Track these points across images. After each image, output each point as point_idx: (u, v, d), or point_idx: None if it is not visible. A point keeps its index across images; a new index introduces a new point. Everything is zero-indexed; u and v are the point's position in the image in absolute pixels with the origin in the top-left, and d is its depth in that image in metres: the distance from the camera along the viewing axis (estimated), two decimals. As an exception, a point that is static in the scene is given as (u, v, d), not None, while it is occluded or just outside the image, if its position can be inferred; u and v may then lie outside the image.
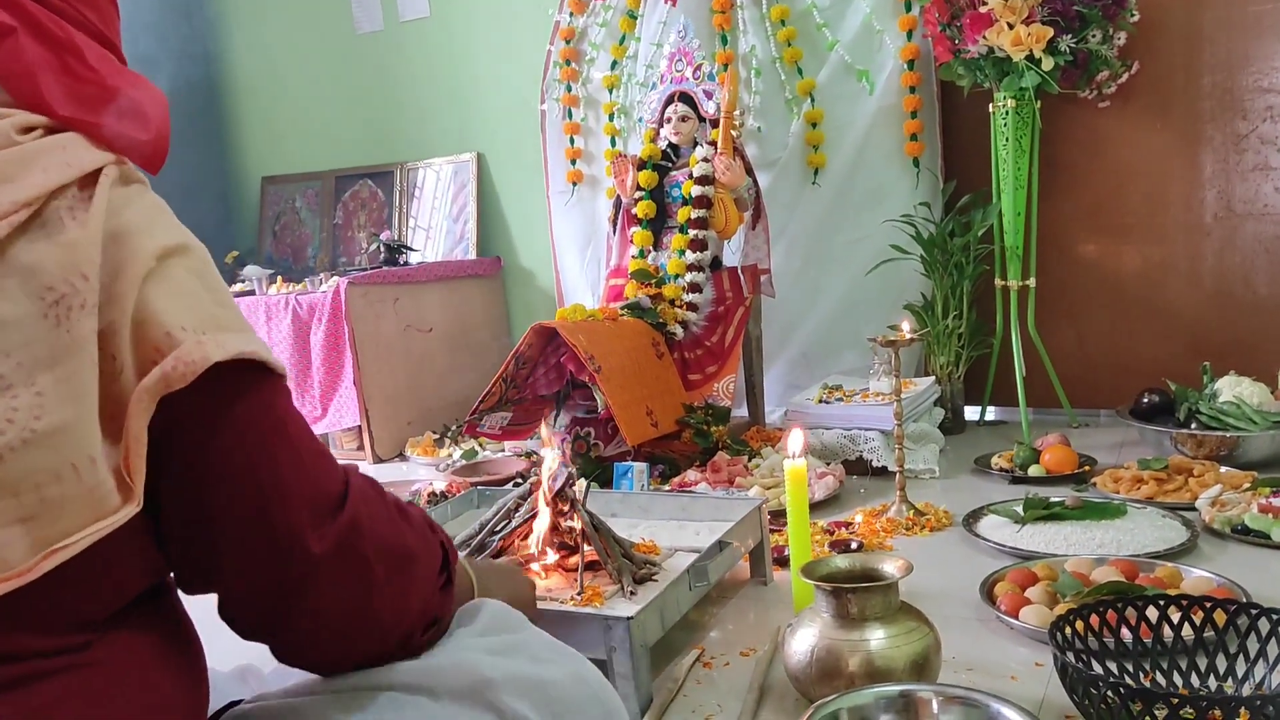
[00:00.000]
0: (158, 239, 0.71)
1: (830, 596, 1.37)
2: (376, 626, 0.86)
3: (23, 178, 0.65)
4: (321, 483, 0.80)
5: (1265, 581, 1.73)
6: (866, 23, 3.14)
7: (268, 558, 0.76)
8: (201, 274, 0.75)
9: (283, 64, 4.38)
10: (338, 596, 0.81)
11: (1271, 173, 2.86)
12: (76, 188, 0.68)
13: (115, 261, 0.68)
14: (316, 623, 0.82)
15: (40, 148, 0.68)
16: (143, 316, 0.68)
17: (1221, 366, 2.63)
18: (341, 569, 0.80)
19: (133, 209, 0.71)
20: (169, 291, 0.70)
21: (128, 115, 0.77)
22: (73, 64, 0.75)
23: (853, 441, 2.68)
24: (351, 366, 3.33)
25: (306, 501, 0.78)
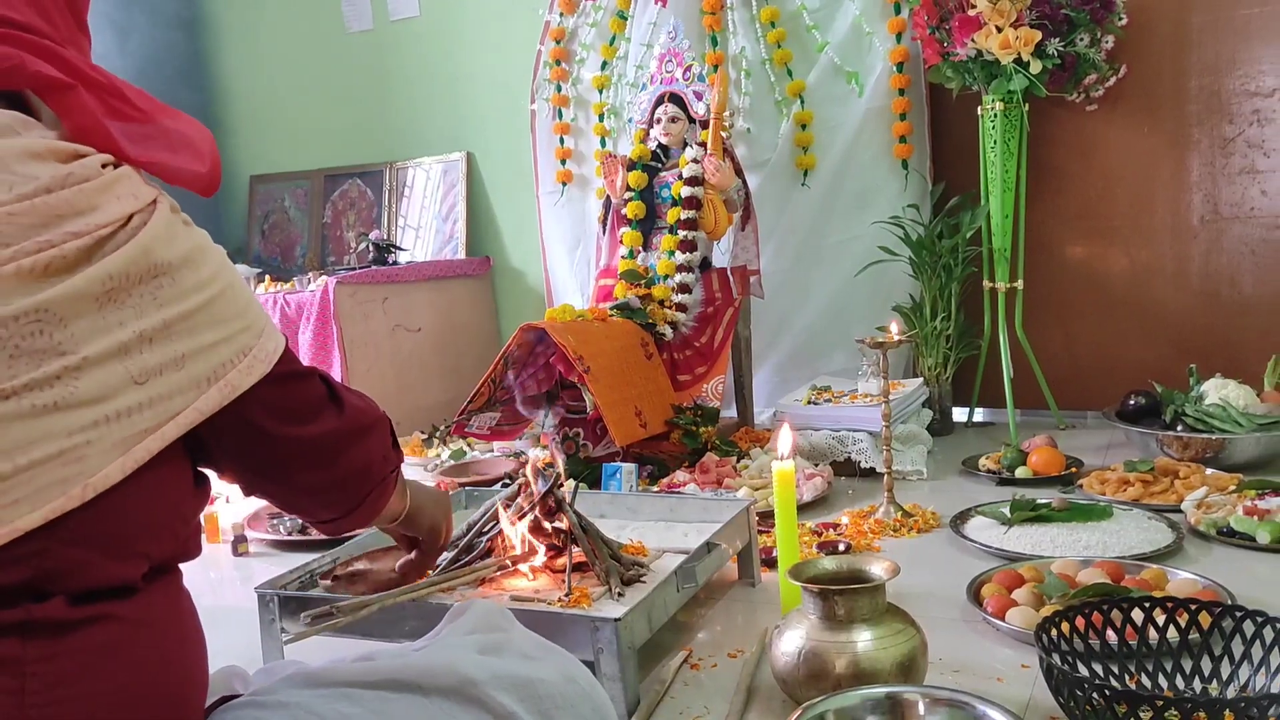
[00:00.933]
0: (201, 270, 0.87)
1: (817, 598, 1.38)
2: (369, 473, 1.10)
3: (106, 205, 0.82)
4: (312, 399, 1.02)
5: (1250, 583, 1.74)
6: (856, 25, 3.15)
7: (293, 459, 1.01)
8: (232, 285, 0.91)
9: (273, 62, 4.37)
10: (354, 455, 1.06)
11: (1258, 176, 2.88)
12: (144, 209, 0.84)
13: (183, 284, 0.85)
14: (345, 475, 1.07)
15: (116, 178, 0.84)
16: (207, 341, 0.86)
17: (1208, 368, 2.64)
18: (351, 439, 1.05)
19: (188, 237, 0.88)
20: (221, 315, 0.88)
21: (183, 149, 0.92)
22: (120, 106, 0.88)
23: (841, 442, 2.68)
24: (339, 366, 3.32)
25: (307, 419, 1.00)
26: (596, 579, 1.65)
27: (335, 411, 1.03)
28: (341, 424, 1.03)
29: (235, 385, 0.89)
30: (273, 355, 0.93)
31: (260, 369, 0.91)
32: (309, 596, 1.63)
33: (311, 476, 1.03)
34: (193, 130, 0.95)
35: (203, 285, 0.86)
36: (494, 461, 3.00)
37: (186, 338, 0.85)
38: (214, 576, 2.36)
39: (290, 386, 0.97)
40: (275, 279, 3.74)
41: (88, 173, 0.82)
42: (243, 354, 0.90)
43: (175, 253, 0.85)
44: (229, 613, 1.96)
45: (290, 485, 1.04)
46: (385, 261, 3.74)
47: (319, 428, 1.01)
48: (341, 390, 1.06)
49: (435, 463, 3.12)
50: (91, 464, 0.79)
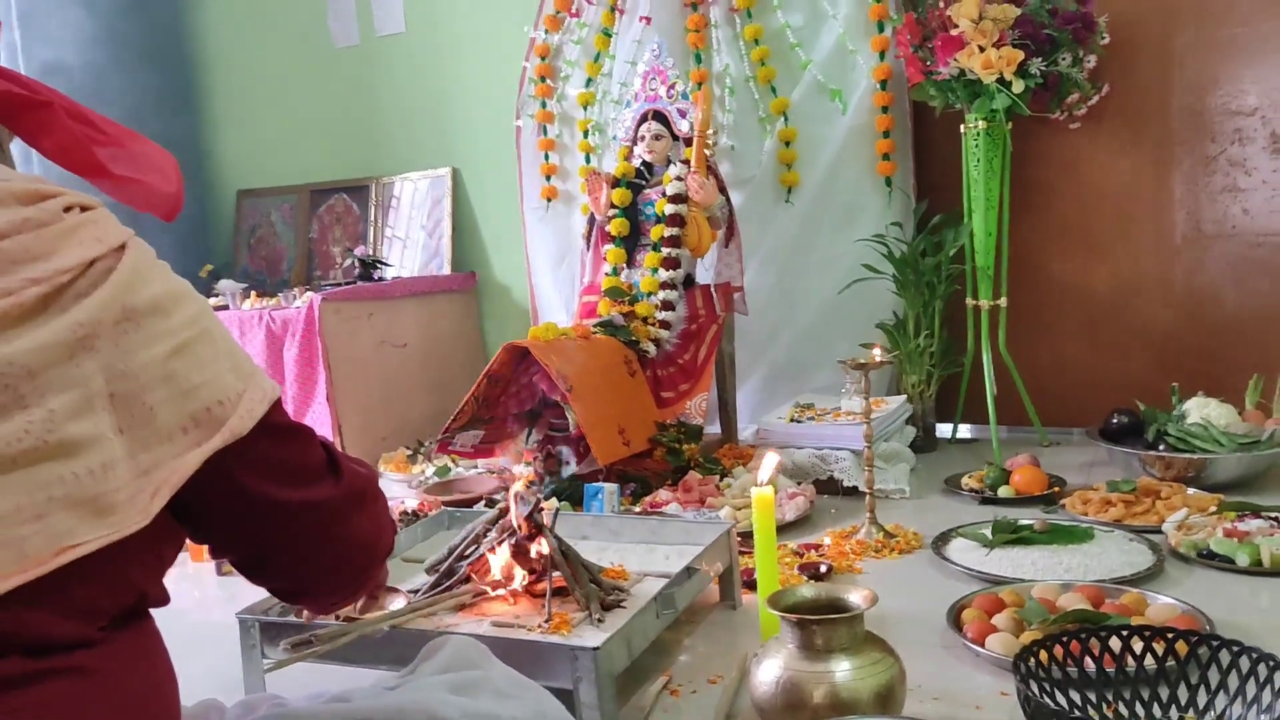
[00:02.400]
0: (173, 317, 0.83)
1: (796, 628, 1.37)
2: (372, 548, 1.03)
3: (66, 250, 0.79)
4: (310, 462, 0.95)
5: (1230, 607, 1.75)
6: (840, 43, 3.16)
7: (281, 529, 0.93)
8: (209, 332, 0.87)
9: (259, 76, 4.36)
10: (355, 528, 0.99)
11: (1240, 194, 2.89)
12: (110, 255, 0.81)
13: (151, 331, 0.81)
14: (346, 549, 0.99)
15: (79, 222, 0.81)
16: (182, 388, 0.82)
17: (1191, 385, 2.65)
18: (349, 508, 0.97)
19: (157, 283, 0.84)
20: (194, 363, 0.84)
21: (153, 171, 0.92)
22: (91, 132, 0.88)
23: (824, 461, 2.68)
24: (325, 383, 3.31)
25: (301, 482, 0.93)
26: (577, 604, 1.65)
27: (334, 479, 0.95)
28: (341, 491, 0.95)
29: (235, 429, 0.83)
30: (270, 395, 0.88)
31: (260, 409, 0.86)
32: (289, 622, 1.62)
33: (309, 550, 0.95)
34: (157, 154, 0.94)
35: (173, 331, 0.82)
36: (478, 479, 3.00)
37: (158, 386, 0.81)
38: (198, 596, 2.35)
39: (284, 443, 0.91)
40: (261, 294, 3.73)
41: (47, 216, 0.80)
42: (235, 397, 0.85)
43: (144, 297, 0.81)
44: (213, 633, 1.94)
45: (289, 561, 0.96)
46: (371, 277, 3.73)
47: (317, 493, 0.93)
48: (340, 456, 0.99)
49: (420, 479, 3.12)
50: (58, 524, 0.75)
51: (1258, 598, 1.82)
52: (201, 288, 3.90)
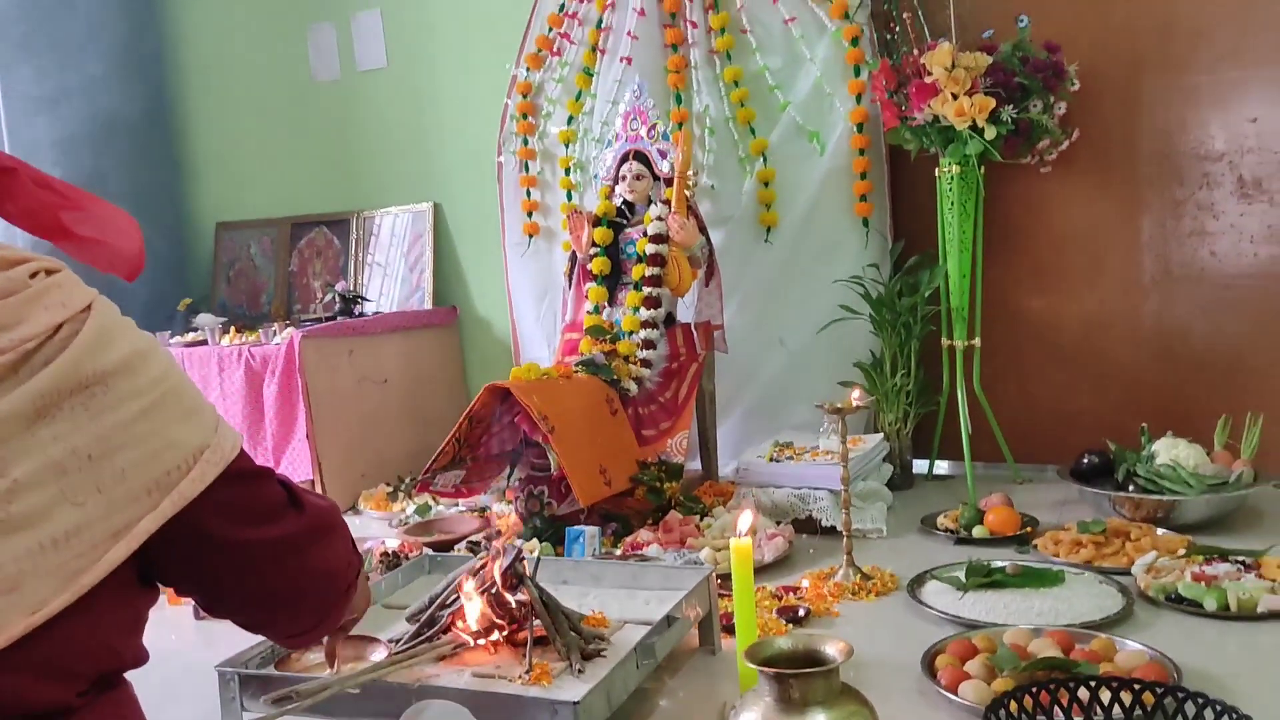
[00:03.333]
0: (140, 377, 0.85)
1: (773, 681, 1.40)
2: (334, 580, 1.06)
3: (33, 317, 0.81)
4: (271, 501, 0.99)
5: (1198, 652, 1.79)
6: (817, 85, 3.21)
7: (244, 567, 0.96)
8: (176, 389, 0.89)
9: (239, 109, 4.38)
10: (318, 559, 1.03)
11: (1207, 237, 2.96)
12: (76, 318, 0.83)
13: (118, 392, 0.83)
14: (310, 580, 1.03)
15: (45, 288, 0.83)
16: (150, 449, 0.84)
17: (1161, 424, 2.70)
18: (310, 541, 1.01)
19: (124, 342, 0.86)
20: (162, 422, 0.86)
21: (115, 232, 0.95)
22: (55, 197, 0.90)
23: (802, 500, 2.72)
24: (304, 419, 3.31)
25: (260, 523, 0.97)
26: (557, 653, 1.67)
27: (295, 513, 0.99)
28: (302, 525, 0.99)
29: (186, 493, 0.86)
30: (228, 454, 0.91)
31: (212, 471, 0.88)
32: (270, 675, 1.63)
33: (275, 583, 0.99)
34: (119, 216, 0.97)
35: (141, 391, 0.84)
36: (459, 518, 3.01)
37: (128, 448, 0.82)
38: (174, 641, 2.34)
39: (247, 486, 0.94)
40: (240, 328, 3.73)
41: (13, 285, 0.81)
42: (193, 457, 0.87)
43: (110, 359, 0.83)
44: (190, 682, 1.94)
45: (254, 596, 0.99)
46: (351, 313, 3.74)
47: (280, 529, 0.97)
48: (299, 490, 1.02)
49: (400, 517, 3.12)
50: (29, 594, 0.76)
51: (1225, 642, 1.86)
52: (180, 321, 3.92)
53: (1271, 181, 2.86)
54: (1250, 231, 2.90)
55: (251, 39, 4.29)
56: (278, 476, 1.01)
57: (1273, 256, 2.88)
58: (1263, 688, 1.66)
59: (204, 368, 3.48)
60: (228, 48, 4.35)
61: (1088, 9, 2.99)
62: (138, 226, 0.98)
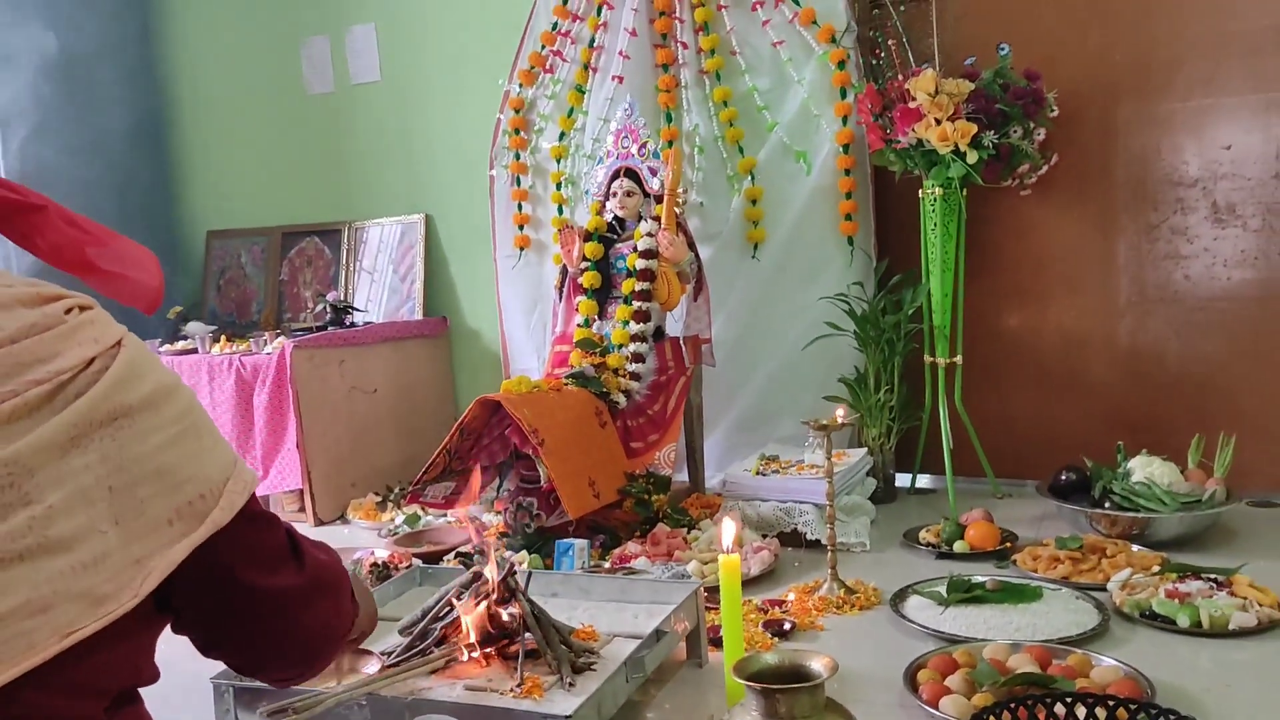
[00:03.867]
0: (163, 412, 0.88)
1: (760, 696, 1.44)
2: (330, 632, 1.09)
3: (68, 351, 0.84)
4: (278, 546, 1.01)
5: (1171, 668, 1.84)
6: (805, 107, 3.27)
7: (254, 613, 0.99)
8: (197, 425, 0.92)
9: (232, 119, 4.41)
10: (311, 612, 1.05)
11: (1181, 261, 3.03)
12: (107, 353, 0.87)
13: (144, 426, 0.86)
14: (305, 635, 1.05)
15: (80, 324, 0.86)
16: (172, 481, 0.88)
17: (1135, 442, 2.76)
18: (313, 590, 1.04)
19: (151, 377, 0.89)
20: (183, 456, 0.89)
21: (135, 267, 0.98)
22: (79, 234, 0.94)
23: (788, 514, 2.77)
24: (295, 429, 3.34)
25: (272, 568, 0.99)
26: (548, 666, 1.71)
27: (296, 566, 1.02)
28: (303, 579, 1.02)
29: (217, 521, 0.90)
30: (249, 487, 0.94)
31: (240, 500, 0.92)
32: (264, 688, 1.66)
33: (272, 632, 1.01)
34: (138, 251, 1.00)
35: (163, 426, 0.87)
36: (448, 529, 3.04)
37: (150, 481, 0.86)
38: (165, 651, 2.36)
39: (257, 529, 0.97)
40: (231, 337, 3.76)
41: (50, 320, 0.85)
42: (218, 488, 0.91)
43: (137, 394, 0.86)
44: (183, 692, 1.96)
45: (250, 638, 1.01)
46: (342, 323, 3.78)
47: (282, 581, 0.99)
48: (303, 542, 1.05)
49: (389, 527, 3.16)
50: (59, 616, 0.80)
51: (1198, 659, 1.92)
52: (170, 329, 3.95)
53: (1244, 207, 2.94)
54: (1223, 256, 2.98)
55: (246, 51, 4.32)
56: (283, 524, 1.04)
57: (1245, 280, 2.96)
58: (1234, 704, 1.72)
59: (194, 376, 3.51)
60: (222, 59, 4.38)
61: (1067, 38, 3.06)
62: (158, 262, 1.02)
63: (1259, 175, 2.91)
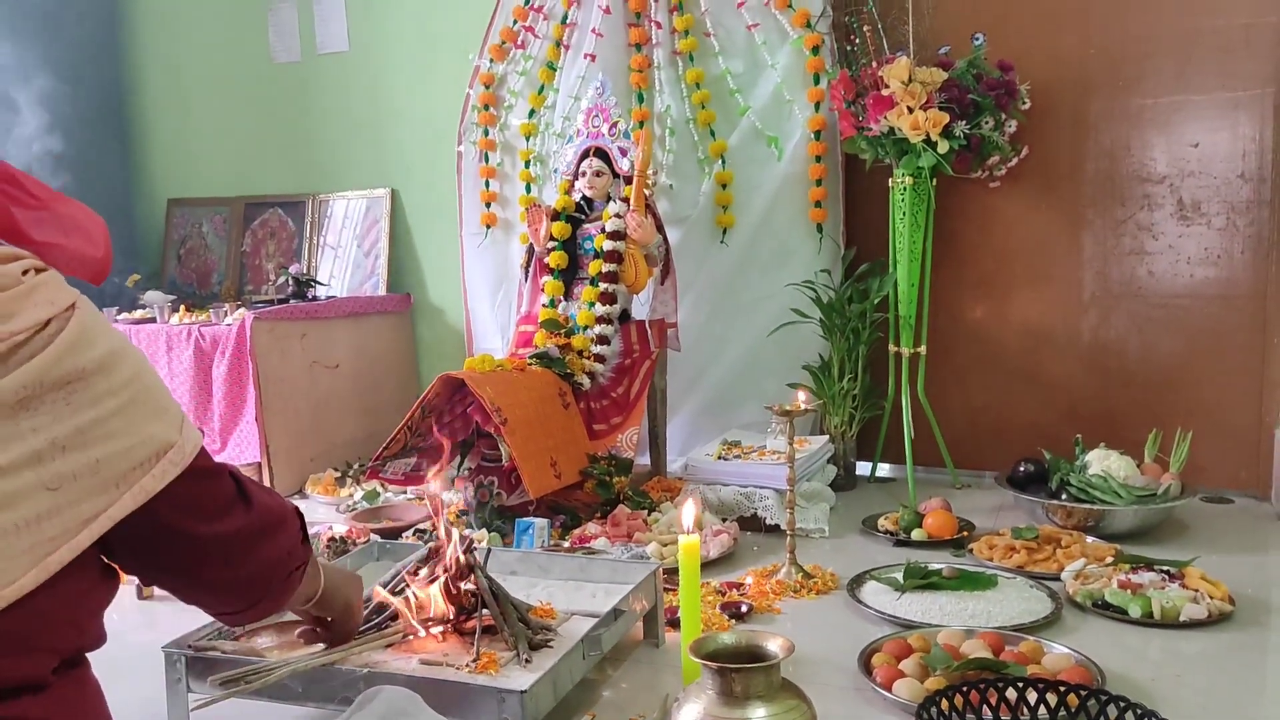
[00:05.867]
0: (115, 376, 0.89)
1: (716, 675, 1.44)
2: (274, 570, 1.13)
3: (24, 312, 0.84)
4: (222, 496, 1.05)
5: (1121, 657, 1.87)
6: (777, 92, 3.26)
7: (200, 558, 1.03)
8: (148, 388, 0.94)
9: (196, 86, 4.33)
10: (261, 552, 1.10)
11: (1146, 257, 3.06)
12: (60, 316, 0.87)
13: (95, 390, 0.87)
14: (257, 570, 1.10)
15: (35, 285, 0.86)
16: (122, 445, 0.89)
17: (1093, 435, 2.79)
18: (258, 536, 1.08)
19: (102, 342, 0.89)
20: (135, 419, 0.90)
21: (79, 235, 0.96)
22: (16, 194, 0.91)
23: (748, 499, 2.77)
24: (254, 402, 3.30)
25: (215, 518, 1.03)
26: (505, 643, 1.69)
27: (244, 509, 1.06)
28: (249, 521, 1.06)
29: (148, 489, 0.91)
30: (189, 455, 0.96)
31: (173, 470, 0.94)
32: (217, 658, 1.63)
33: (215, 574, 1.06)
34: (85, 217, 0.99)
35: (115, 390, 0.89)
36: (407, 506, 3.02)
37: (102, 443, 0.87)
38: (116, 620, 2.32)
39: (202, 484, 1.00)
40: (190, 307, 3.69)
41: (6, 280, 0.85)
42: (158, 455, 0.92)
43: (89, 358, 0.87)
44: (133, 662, 1.93)
45: (193, 581, 1.06)
46: (305, 296, 3.73)
47: (227, 525, 1.03)
48: (251, 486, 1.08)
49: (348, 503, 3.12)
50: (2, 572, 0.81)
51: (1148, 648, 1.94)
52: (128, 297, 3.87)
53: (1210, 205, 2.97)
54: (1187, 253, 3.01)
55: (212, 17, 4.25)
56: (230, 470, 1.07)
57: (1207, 278, 2.99)
58: (1182, 693, 1.74)
59: (152, 346, 3.45)
60: (188, 25, 4.30)
61: (1041, 31, 3.07)
62: (105, 230, 1.02)
63: (1224, 174, 2.94)
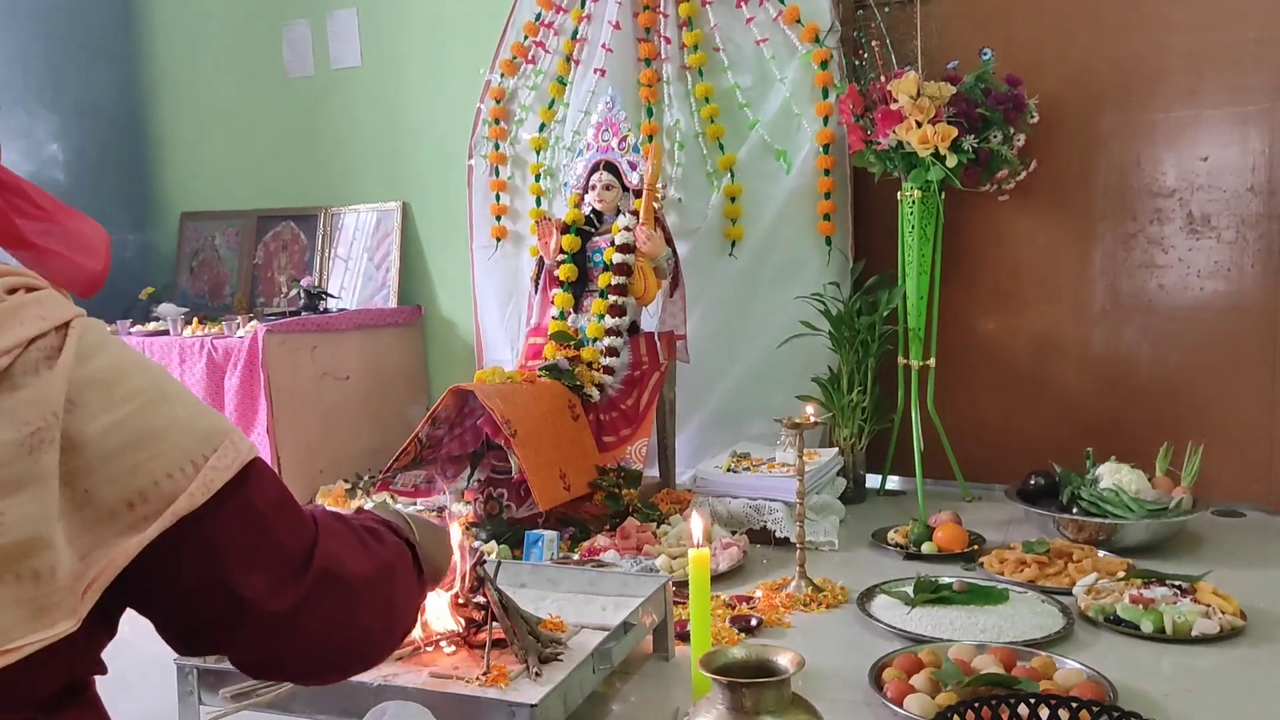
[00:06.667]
0: (118, 389, 0.79)
1: (726, 689, 1.44)
2: (370, 638, 0.97)
3: (6, 330, 0.75)
4: (285, 550, 0.88)
5: (1133, 672, 1.86)
6: (786, 106, 3.28)
7: (237, 625, 0.86)
8: (164, 396, 0.82)
9: (210, 100, 4.36)
10: (324, 630, 0.90)
11: (1156, 270, 3.06)
12: (53, 334, 0.78)
13: (89, 408, 0.77)
14: (312, 653, 0.91)
15: (21, 303, 0.78)
16: (126, 464, 0.78)
17: (1104, 449, 2.78)
18: (317, 610, 0.89)
19: (101, 357, 0.80)
20: (141, 432, 0.79)
21: (80, 248, 0.89)
22: (22, 205, 0.86)
23: (758, 511, 2.77)
24: (265, 413, 3.31)
25: (266, 573, 0.85)
26: (515, 656, 1.70)
27: (303, 575, 0.88)
28: (306, 586, 0.88)
29: (178, 510, 0.78)
30: (229, 468, 0.82)
31: (220, 478, 0.81)
32: (228, 670, 1.64)
33: (279, 642, 0.89)
34: (90, 231, 0.91)
35: (114, 404, 0.78)
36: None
37: (99, 465, 0.76)
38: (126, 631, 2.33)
39: (256, 514, 0.85)
40: (203, 319, 3.71)
41: None
42: (188, 467, 0.80)
43: (85, 373, 0.78)
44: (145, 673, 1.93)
45: (248, 650, 0.89)
46: (316, 309, 3.74)
47: (285, 595, 0.86)
48: (332, 540, 0.92)
49: (358, 515, 3.13)
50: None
51: (1160, 664, 1.94)
52: (142, 310, 3.90)
53: (1219, 219, 2.97)
54: (1198, 266, 3.01)
55: (227, 33, 4.28)
56: (313, 515, 0.91)
57: (1217, 292, 2.99)
58: (1195, 709, 1.73)
59: (165, 358, 3.47)
60: (203, 40, 4.33)
61: (1050, 45, 3.08)
62: (108, 244, 0.93)
63: (1234, 188, 2.94)
